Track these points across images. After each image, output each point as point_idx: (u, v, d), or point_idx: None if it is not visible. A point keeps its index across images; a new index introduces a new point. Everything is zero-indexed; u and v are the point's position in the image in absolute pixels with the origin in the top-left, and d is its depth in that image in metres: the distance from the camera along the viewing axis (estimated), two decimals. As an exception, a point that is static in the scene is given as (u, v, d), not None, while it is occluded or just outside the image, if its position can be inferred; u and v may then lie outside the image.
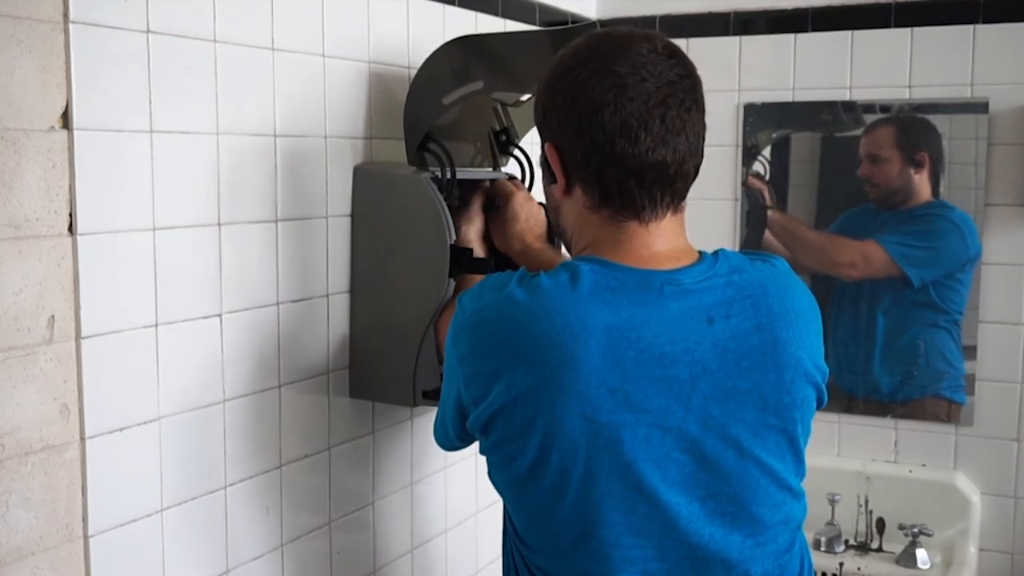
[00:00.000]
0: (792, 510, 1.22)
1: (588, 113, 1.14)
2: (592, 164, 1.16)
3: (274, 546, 1.53)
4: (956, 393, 2.23)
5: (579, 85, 1.15)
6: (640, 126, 1.13)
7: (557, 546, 1.19)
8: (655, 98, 1.13)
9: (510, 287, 1.16)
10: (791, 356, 1.17)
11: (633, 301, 1.13)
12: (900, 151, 2.24)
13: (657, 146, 1.13)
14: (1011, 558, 2.22)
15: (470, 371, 1.18)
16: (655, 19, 2.39)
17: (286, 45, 1.49)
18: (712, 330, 1.14)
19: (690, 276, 1.16)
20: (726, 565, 1.17)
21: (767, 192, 2.37)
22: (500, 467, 1.21)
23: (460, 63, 1.59)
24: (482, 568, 2.07)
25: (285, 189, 1.50)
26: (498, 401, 1.15)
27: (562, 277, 1.15)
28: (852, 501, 2.28)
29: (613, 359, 1.11)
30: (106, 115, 1.23)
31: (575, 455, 1.13)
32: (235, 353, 1.44)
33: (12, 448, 1.15)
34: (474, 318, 1.18)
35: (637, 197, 1.16)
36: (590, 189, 1.18)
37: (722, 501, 1.16)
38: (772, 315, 1.17)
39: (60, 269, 1.19)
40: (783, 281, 1.22)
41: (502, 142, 1.83)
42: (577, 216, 1.22)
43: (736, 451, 1.16)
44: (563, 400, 1.11)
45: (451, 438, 1.31)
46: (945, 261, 2.23)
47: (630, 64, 1.13)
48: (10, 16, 1.12)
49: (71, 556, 1.22)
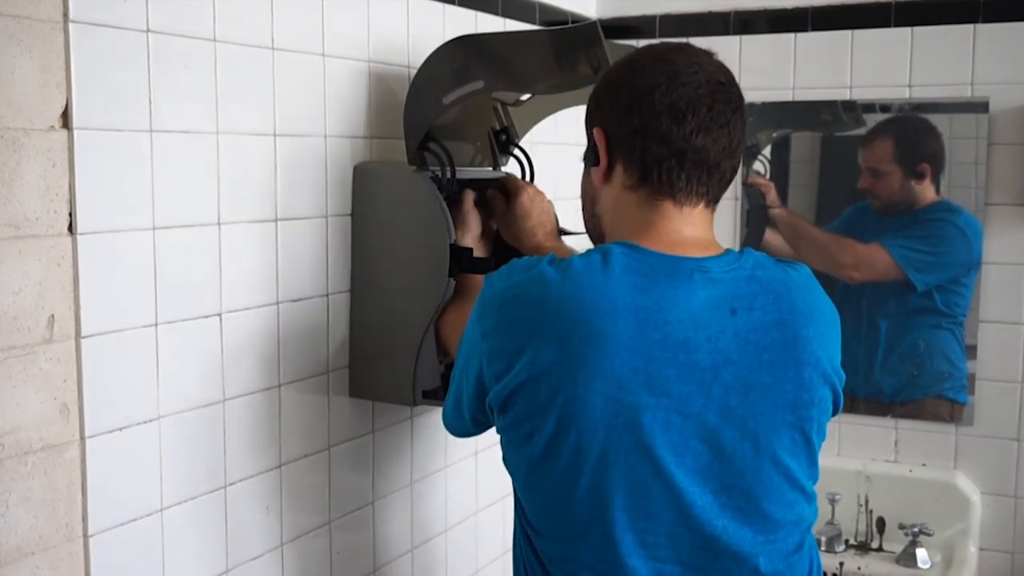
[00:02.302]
0: (804, 512, 1.23)
1: (640, 92, 1.20)
2: (637, 141, 1.21)
3: (274, 546, 1.53)
4: (959, 394, 2.23)
5: (637, 69, 1.22)
6: (688, 109, 1.18)
7: (569, 530, 1.19)
8: (705, 89, 1.20)
9: (541, 266, 1.19)
10: (811, 354, 1.19)
11: (662, 285, 1.15)
12: (901, 165, 2.24)
13: (701, 131, 1.19)
14: (1011, 558, 2.22)
15: (495, 346, 1.19)
16: (655, 19, 2.39)
17: (286, 45, 1.49)
18: (735, 321, 1.16)
19: (718, 265, 1.19)
20: (737, 558, 1.18)
21: (772, 191, 2.37)
22: (516, 446, 1.22)
23: (460, 63, 1.59)
24: (482, 568, 2.07)
25: (285, 189, 1.50)
26: (521, 376, 1.16)
27: (594, 258, 1.18)
28: (852, 501, 2.28)
29: (640, 339, 1.12)
30: (106, 115, 1.23)
31: (593, 434, 1.13)
32: (235, 353, 1.44)
33: (12, 448, 1.15)
34: (503, 295, 1.20)
35: (676, 177, 1.21)
36: (632, 166, 1.22)
37: (735, 495, 1.17)
38: (795, 312, 1.19)
39: (60, 269, 1.19)
40: (807, 284, 1.25)
41: (502, 142, 1.83)
42: (615, 199, 1.26)
43: (753, 445, 1.16)
44: (586, 376, 1.12)
45: (465, 421, 1.31)
46: (950, 266, 2.23)
47: (686, 59, 1.21)
48: (10, 16, 1.12)
49: (71, 556, 1.22)
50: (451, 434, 1.40)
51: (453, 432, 1.39)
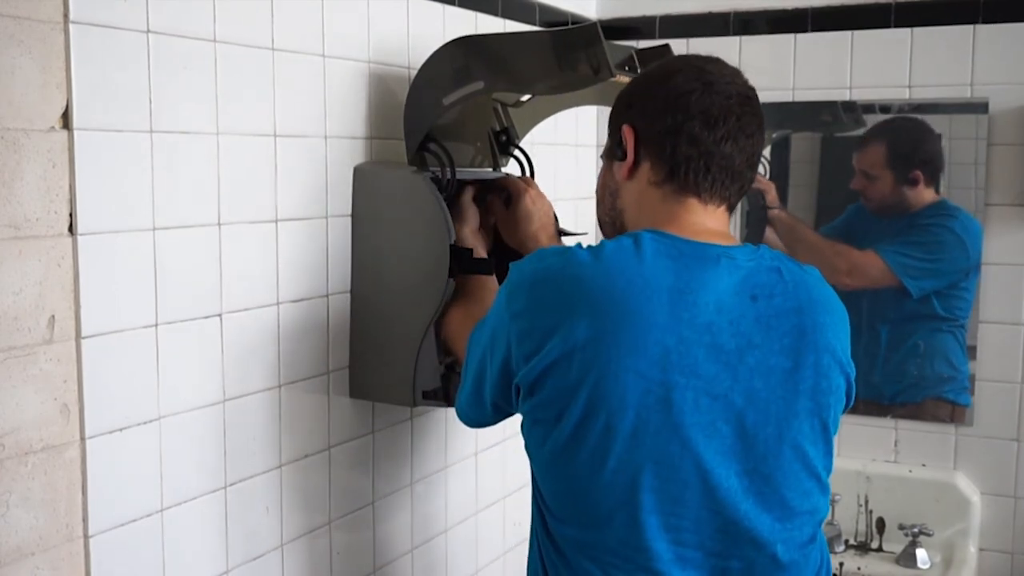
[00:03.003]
0: (819, 503, 1.25)
1: (675, 95, 1.25)
2: (668, 140, 1.25)
3: (274, 546, 1.53)
4: (960, 395, 2.23)
5: (672, 75, 1.28)
6: (720, 116, 1.24)
7: (594, 515, 1.20)
8: (736, 100, 1.26)
9: (574, 250, 1.23)
10: (827, 342, 1.23)
11: (691, 268, 1.19)
12: (892, 171, 2.24)
13: (730, 138, 1.25)
14: (1011, 558, 2.22)
15: (526, 326, 1.20)
16: (655, 19, 2.39)
17: (286, 45, 1.49)
18: (755, 306, 1.19)
19: (741, 254, 1.23)
20: (756, 543, 1.19)
21: (772, 192, 2.37)
22: (542, 428, 1.22)
23: (460, 63, 1.59)
24: (482, 568, 2.07)
25: (285, 189, 1.50)
26: (552, 354, 1.17)
27: (625, 242, 1.21)
28: (852, 501, 2.28)
29: (673, 319, 1.15)
30: (106, 115, 1.23)
31: (624, 413, 1.14)
32: (235, 353, 1.44)
33: (12, 448, 1.15)
34: (535, 276, 1.22)
35: (702, 178, 1.26)
36: (660, 164, 1.27)
37: (756, 480, 1.19)
38: (812, 301, 1.24)
39: (60, 269, 1.19)
40: (819, 280, 1.29)
41: (502, 142, 1.83)
42: (639, 194, 1.30)
43: (776, 429, 1.18)
44: (619, 355, 1.14)
45: (485, 407, 1.31)
46: (945, 273, 2.22)
47: (719, 71, 1.28)
48: (10, 16, 1.12)
49: (71, 556, 1.22)
50: (466, 424, 1.40)
51: (468, 422, 1.39)
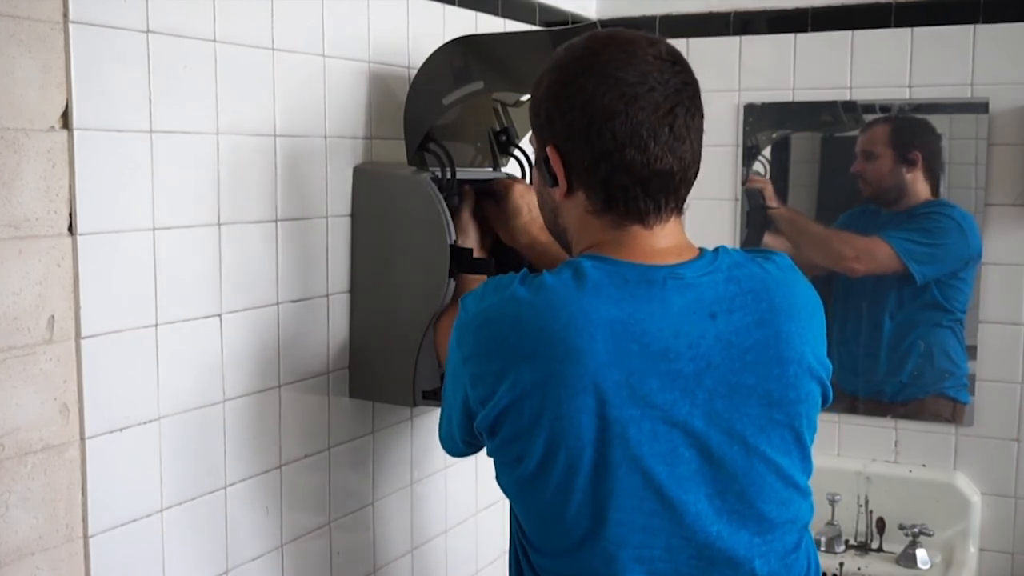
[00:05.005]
0: (800, 509, 1.23)
1: (599, 122, 1.14)
2: (600, 170, 1.16)
3: (274, 546, 1.53)
4: (960, 392, 2.23)
5: (587, 93, 1.15)
6: (650, 135, 1.14)
7: (565, 546, 1.19)
8: (663, 107, 1.14)
9: (513, 287, 1.17)
10: (794, 351, 1.18)
11: (636, 296, 1.14)
12: (893, 149, 2.25)
13: (664, 155, 1.15)
14: (1011, 558, 2.21)
15: (476, 371, 1.18)
16: (655, 19, 2.39)
17: (286, 45, 1.49)
18: (715, 325, 1.15)
19: (692, 270, 1.17)
20: (732, 564, 1.17)
21: (770, 188, 2.37)
22: (508, 468, 1.21)
23: (460, 63, 1.59)
24: (482, 568, 2.07)
25: (285, 189, 1.50)
26: (504, 399, 1.14)
27: (565, 274, 1.15)
28: (852, 501, 2.28)
29: (618, 353, 1.11)
30: (106, 115, 1.23)
31: (582, 452, 1.12)
32: (235, 353, 1.44)
33: (12, 448, 1.15)
34: (477, 319, 1.18)
35: (642, 203, 1.17)
36: (594, 194, 1.19)
37: (729, 499, 1.16)
38: (774, 310, 1.18)
39: (60, 269, 1.19)
40: (784, 277, 1.22)
41: (502, 142, 1.83)
42: (579, 219, 1.23)
43: (742, 447, 1.16)
44: (569, 395, 1.11)
45: (458, 443, 1.30)
46: (948, 259, 2.23)
47: (637, 72, 1.14)
48: (10, 16, 1.12)
49: (71, 556, 1.22)
50: (448, 454, 1.38)
51: (449, 452, 1.37)
